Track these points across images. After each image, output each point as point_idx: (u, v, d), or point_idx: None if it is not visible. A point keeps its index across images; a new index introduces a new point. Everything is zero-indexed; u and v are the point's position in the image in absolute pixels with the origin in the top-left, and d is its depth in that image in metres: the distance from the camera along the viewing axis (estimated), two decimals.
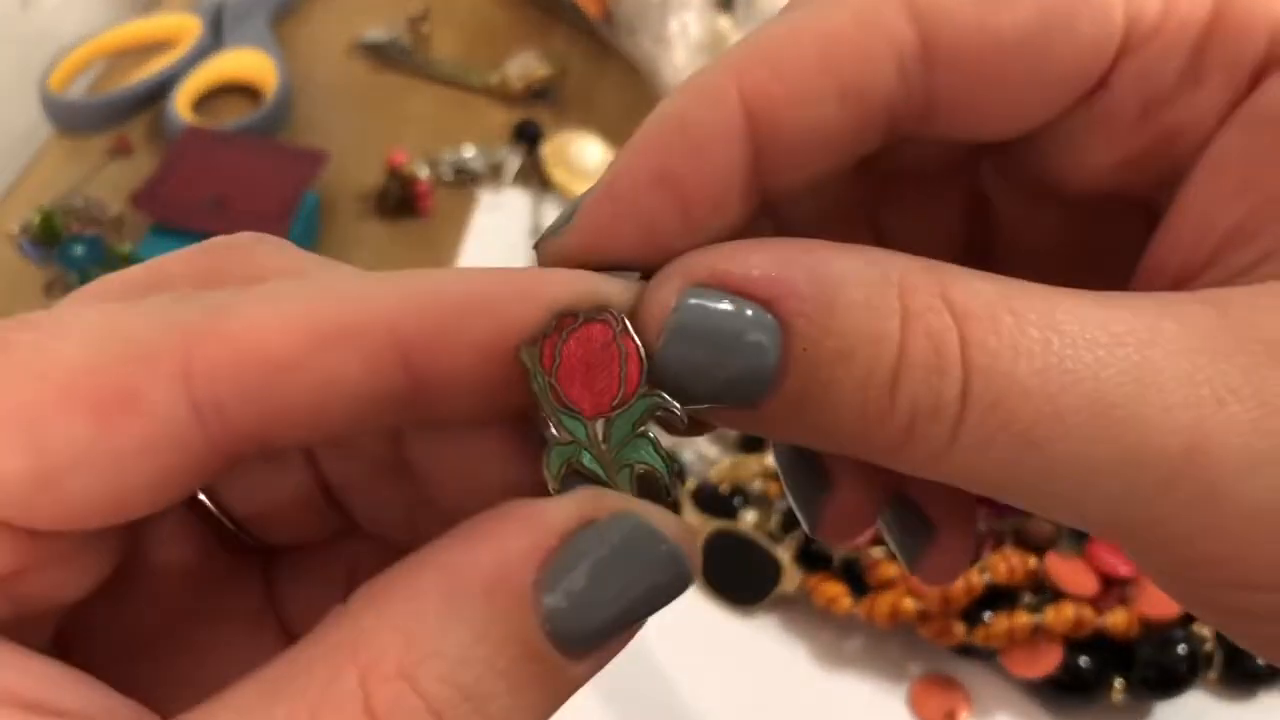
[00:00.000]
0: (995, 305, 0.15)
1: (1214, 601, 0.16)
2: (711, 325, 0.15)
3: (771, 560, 0.47)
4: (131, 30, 0.70)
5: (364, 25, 0.73)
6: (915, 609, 0.45)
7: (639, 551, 0.15)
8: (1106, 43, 0.16)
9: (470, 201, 0.63)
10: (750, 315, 0.15)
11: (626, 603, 0.15)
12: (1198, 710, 0.46)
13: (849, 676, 0.47)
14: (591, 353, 0.16)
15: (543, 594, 0.14)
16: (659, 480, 0.17)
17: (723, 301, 0.15)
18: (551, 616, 0.14)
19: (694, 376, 0.16)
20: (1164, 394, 0.14)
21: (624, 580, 0.15)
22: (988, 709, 0.46)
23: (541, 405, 0.16)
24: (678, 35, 0.64)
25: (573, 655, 0.15)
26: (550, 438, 0.17)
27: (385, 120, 0.68)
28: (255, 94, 0.68)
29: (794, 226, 0.19)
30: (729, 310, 0.15)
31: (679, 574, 0.15)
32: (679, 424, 0.16)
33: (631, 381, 0.16)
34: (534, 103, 0.68)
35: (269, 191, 0.58)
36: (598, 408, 0.16)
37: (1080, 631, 0.44)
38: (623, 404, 0.16)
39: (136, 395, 0.14)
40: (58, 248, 0.51)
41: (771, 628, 0.48)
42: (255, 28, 0.70)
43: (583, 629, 0.14)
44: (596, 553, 0.15)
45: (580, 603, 0.14)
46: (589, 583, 0.14)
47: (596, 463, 0.17)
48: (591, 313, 0.16)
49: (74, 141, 0.65)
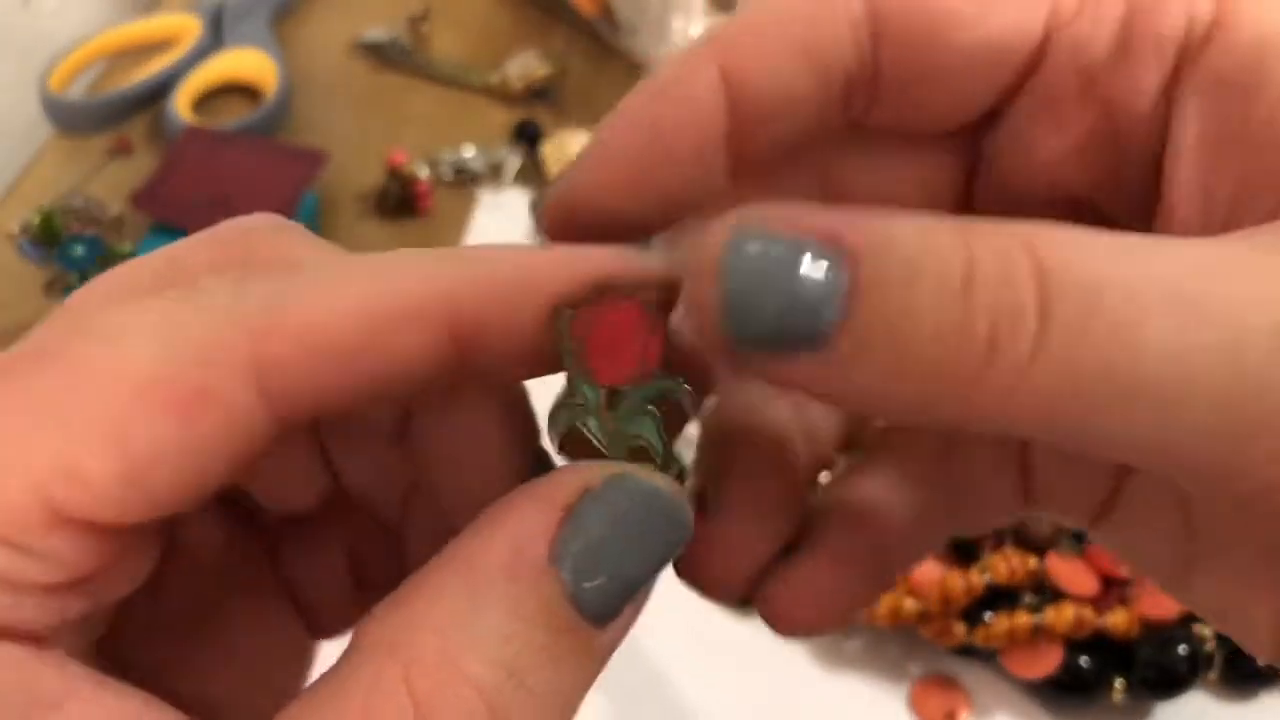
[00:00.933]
0: (1063, 236, 0.14)
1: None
2: (772, 260, 0.14)
3: None
4: (131, 30, 0.70)
5: (364, 25, 0.73)
6: (916, 609, 0.45)
7: (638, 508, 0.16)
8: (1034, 12, 0.17)
9: (470, 201, 0.63)
10: (812, 249, 0.14)
11: (636, 557, 0.15)
12: (1198, 710, 0.46)
13: (849, 677, 0.47)
14: (620, 326, 0.17)
15: (559, 564, 0.15)
16: (653, 459, 0.17)
17: (781, 239, 0.14)
18: (572, 583, 0.15)
19: (755, 316, 0.14)
20: (1257, 283, 0.13)
21: (629, 536, 0.15)
22: (988, 709, 0.46)
23: (565, 365, 0.17)
24: (678, 35, 0.64)
25: (598, 620, 0.15)
26: (562, 397, 0.17)
27: (385, 120, 0.68)
28: (255, 94, 0.68)
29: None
30: (789, 245, 0.14)
31: (678, 524, 0.16)
32: (690, 410, 0.17)
33: (650, 361, 0.17)
34: (534, 102, 0.68)
35: (269, 191, 0.58)
36: (613, 378, 0.17)
37: (1080, 632, 0.44)
38: (638, 380, 0.17)
39: (212, 393, 0.15)
40: (57, 248, 0.51)
41: None
42: (255, 28, 0.70)
43: (601, 591, 0.15)
44: (600, 516, 0.15)
45: (594, 565, 0.15)
46: (598, 545, 0.15)
47: (600, 429, 0.17)
48: (629, 289, 0.17)
49: (74, 141, 0.65)
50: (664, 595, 0.52)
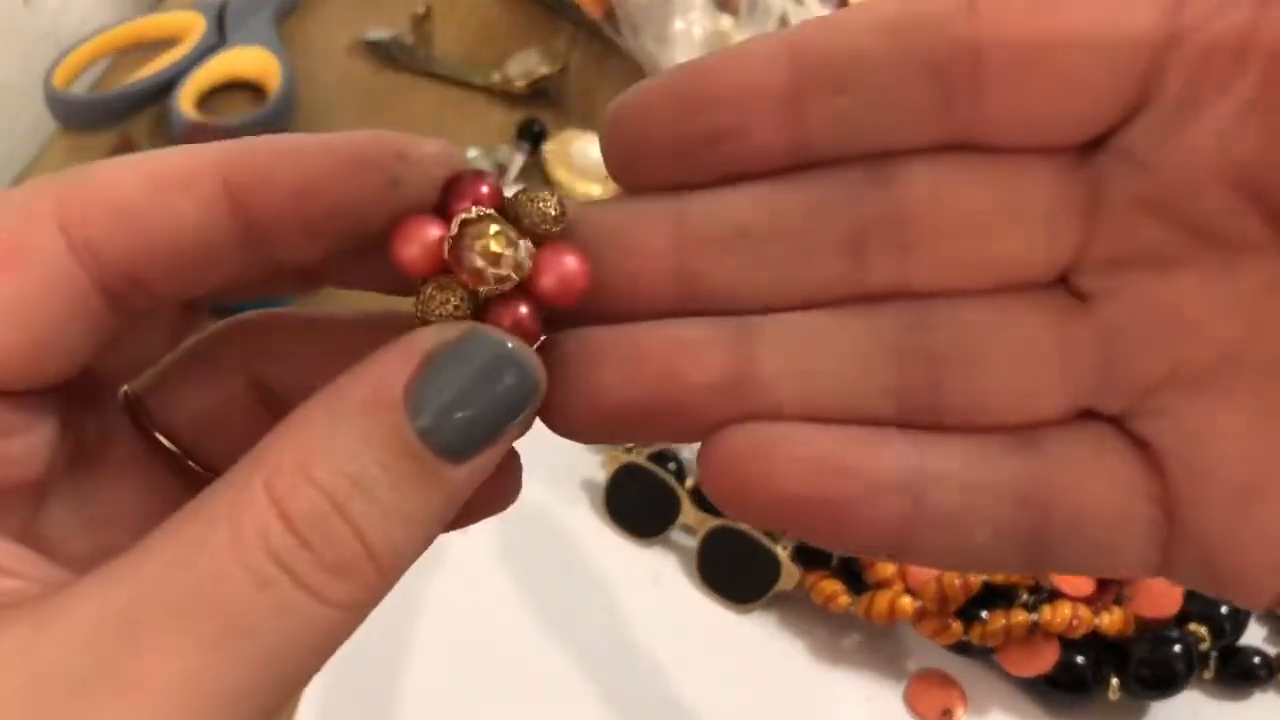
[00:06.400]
0: None
1: None
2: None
3: (770, 558, 0.47)
4: (135, 28, 0.70)
5: (367, 23, 0.73)
6: (912, 607, 0.45)
7: (484, 358, 0.18)
8: (1155, 14, 0.18)
9: None
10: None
11: (481, 402, 0.18)
12: (1193, 709, 0.46)
13: (847, 673, 0.47)
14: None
15: (411, 402, 0.17)
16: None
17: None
18: (419, 418, 0.17)
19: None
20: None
21: (474, 382, 0.18)
22: (984, 707, 0.46)
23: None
24: (680, 35, 0.64)
25: (445, 455, 0.17)
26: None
27: (388, 118, 0.68)
28: (259, 92, 0.68)
29: None
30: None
31: (523, 376, 0.18)
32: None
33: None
34: (536, 101, 0.69)
35: None
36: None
37: (1076, 631, 0.44)
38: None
39: (21, 245, 0.18)
40: None
41: (770, 625, 0.48)
42: (259, 26, 0.70)
43: (447, 428, 0.17)
44: (452, 362, 0.18)
45: (441, 404, 0.17)
46: (446, 386, 0.17)
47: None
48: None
49: (78, 138, 0.66)
50: (663, 594, 0.52)
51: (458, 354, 0.18)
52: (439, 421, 0.17)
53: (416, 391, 0.17)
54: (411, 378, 0.17)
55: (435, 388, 0.17)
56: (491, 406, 0.18)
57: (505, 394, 0.18)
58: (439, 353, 0.18)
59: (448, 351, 0.18)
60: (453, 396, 0.17)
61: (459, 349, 0.18)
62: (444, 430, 0.17)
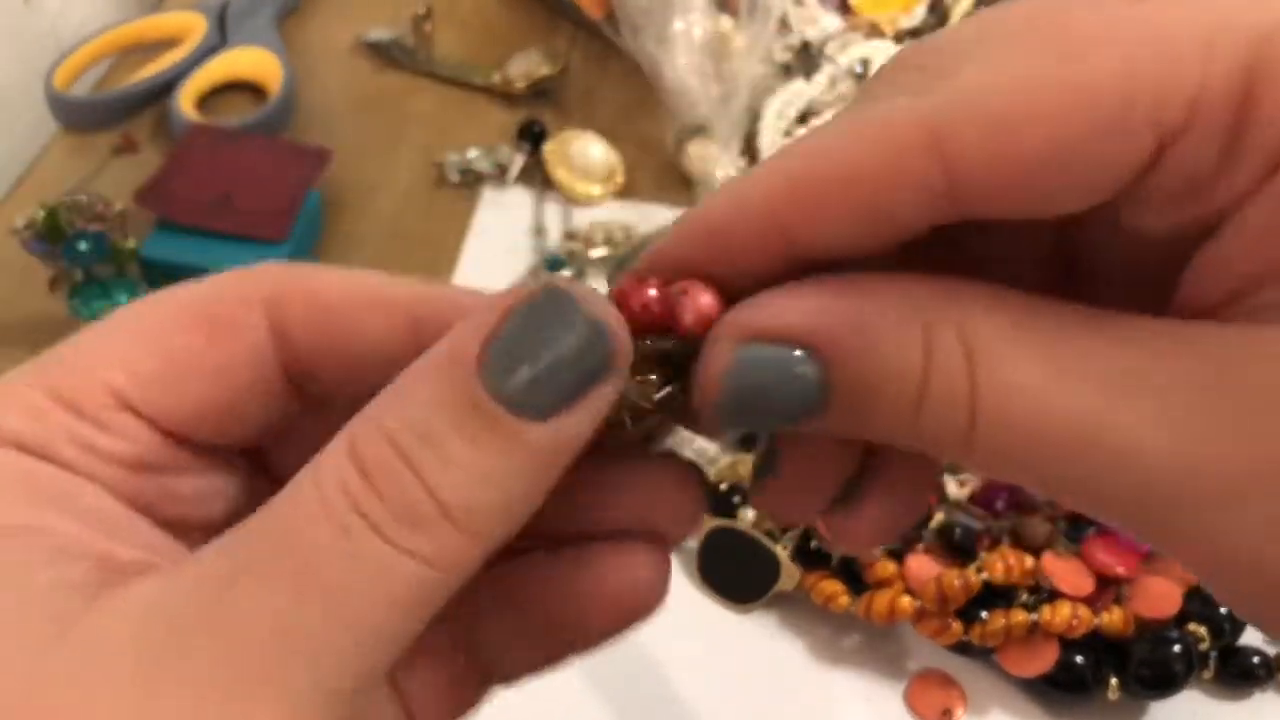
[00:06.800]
0: (1003, 345, 0.17)
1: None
2: (764, 376, 0.18)
3: (770, 558, 0.48)
4: (136, 28, 0.70)
5: (367, 24, 0.73)
6: (912, 607, 0.45)
7: (558, 313, 0.17)
8: (1133, 156, 0.16)
9: (473, 200, 0.64)
10: (795, 361, 0.18)
11: (553, 357, 0.17)
12: (1192, 709, 0.46)
13: (847, 673, 0.47)
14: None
15: (487, 357, 0.17)
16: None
17: (770, 352, 0.18)
18: (492, 374, 0.17)
19: (752, 419, 0.19)
20: (1148, 425, 0.16)
21: (547, 337, 0.17)
22: (984, 706, 0.46)
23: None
24: (680, 36, 0.64)
25: (520, 412, 0.17)
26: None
27: (388, 118, 0.68)
28: (260, 92, 0.68)
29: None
30: (777, 359, 0.18)
31: (598, 331, 0.18)
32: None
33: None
34: (536, 102, 0.69)
35: (273, 189, 0.58)
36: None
37: (1076, 631, 0.44)
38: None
39: (235, 321, 0.20)
40: (62, 244, 0.51)
41: (770, 625, 0.48)
42: (260, 26, 0.70)
43: (518, 383, 0.17)
44: (524, 317, 0.17)
45: (512, 360, 0.17)
46: (519, 342, 0.17)
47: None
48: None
49: (79, 139, 0.66)
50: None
51: (534, 309, 0.18)
52: (510, 377, 0.17)
53: (492, 348, 0.17)
54: (489, 335, 0.17)
55: (509, 344, 0.17)
56: (565, 363, 0.17)
57: (579, 350, 0.17)
58: (517, 309, 0.17)
59: (524, 308, 0.18)
60: (523, 351, 0.17)
61: (535, 304, 0.18)
62: (515, 386, 0.17)
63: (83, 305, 0.53)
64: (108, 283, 0.53)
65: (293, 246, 0.57)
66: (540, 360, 0.17)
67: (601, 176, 0.64)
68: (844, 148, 0.17)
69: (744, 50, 0.64)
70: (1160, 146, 0.16)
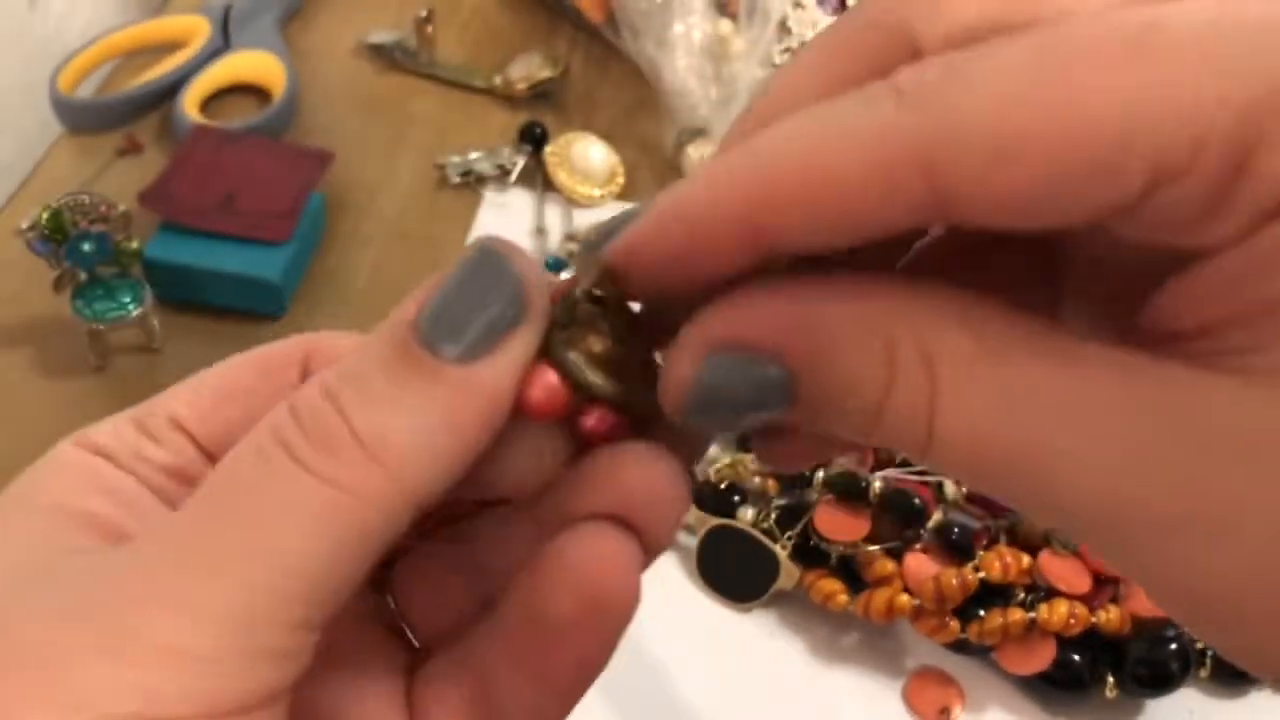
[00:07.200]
0: (962, 366, 0.17)
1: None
2: (729, 384, 0.18)
3: (770, 556, 0.48)
4: (140, 31, 0.71)
5: (370, 27, 0.73)
6: (910, 605, 0.46)
7: (481, 269, 0.19)
8: (1121, 193, 0.16)
9: (474, 202, 0.64)
10: (760, 370, 0.18)
11: (469, 300, 0.19)
12: (1189, 707, 0.46)
13: (846, 671, 0.47)
14: None
15: (419, 313, 0.19)
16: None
17: (735, 362, 0.18)
18: (421, 324, 0.18)
19: (717, 421, 0.19)
20: (1088, 455, 0.17)
21: (465, 283, 0.19)
22: (982, 704, 0.46)
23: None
24: (680, 38, 0.64)
25: (440, 351, 0.18)
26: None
27: (390, 120, 0.69)
28: (263, 94, 0.69)
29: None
30: (742, 368, 0.18)
31: (513, 285, 0.19)
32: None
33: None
34: (537, 104, 0.69)
35: (276, 190, 0.58)
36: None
37: (1073, 629, 0.45)
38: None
39: (278, 363, 0.23)
40: (66, 244, 0.52)
41: (769, 623, 0.48)
42: (263, 29, 0.71)
43: (439, 324, 0.18)
44: (454, 272, 0.19)
45: (435, 306, 0.19)
46: (447, 295, 0.19)
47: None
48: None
49: (83, 141, 0.66)
50: (663, 593, 0.52)
51: (463, 266, 0.19)
52: (433, 321, 0.19)
53: (426, 304, 0.19)
54: (426, 295, 0.19)
55: (440, 298, 0.19)
56: (481, 308, 0.19)
57: (496, 298, 0.19)
58: (452, 270, 0.19)
59: (457, 267, 0.19)
60: (449, 302, 0.19)
61: (465, 261, 0.19)
62: (438, 330, 0.18)
63: (86, 306, 0.53)
64: (111, 283, 0.53)
65: (295, 248, 0.57)
66: (461, 307, 0.19)
67: (602, 178, 0.65)
68: (830, 154, 0.17)
69: (744, 53, 0.65)
70: (1154, 186, 0.16)
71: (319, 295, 0.59)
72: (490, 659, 0.21)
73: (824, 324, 0.18)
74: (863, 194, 0.17)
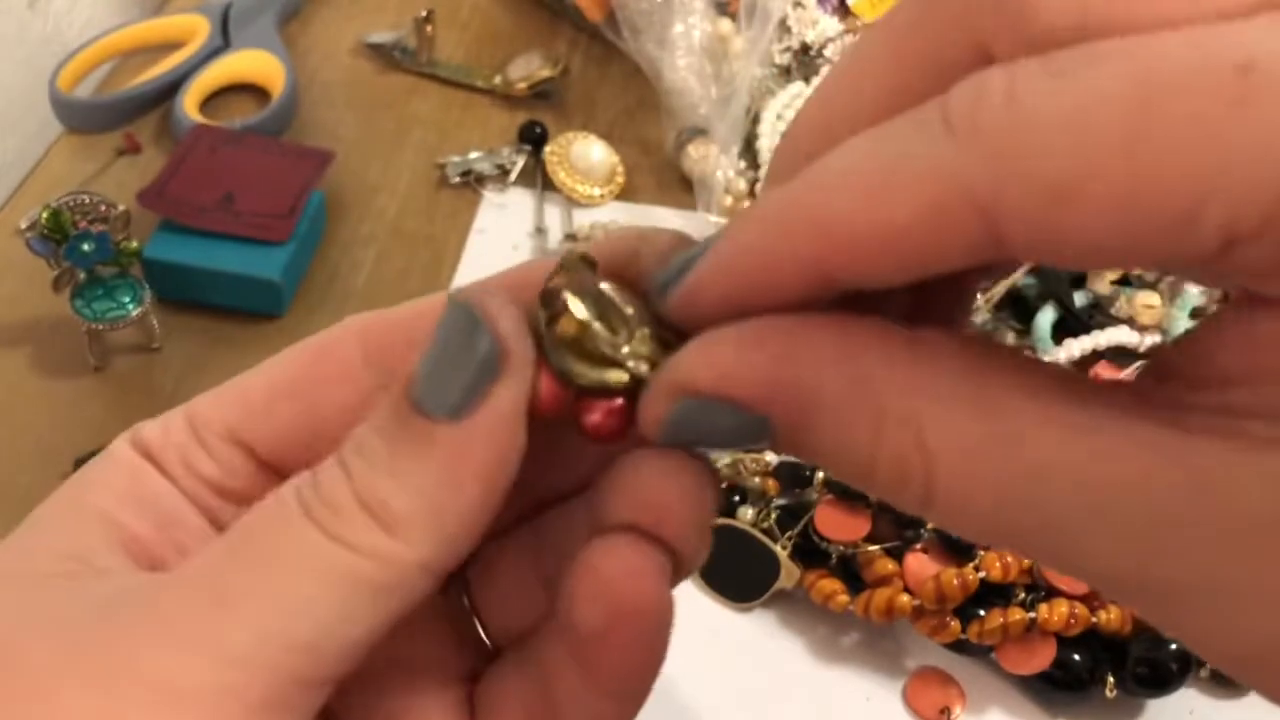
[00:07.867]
0: (961, 452, 0.17)
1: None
2: (703, 426, 0.18)
3: (770, 556, 0.48)
4: (140, 31, 0.71)
5: (369, 26, 0.73)
6: (911, 605, 0.45)
7: (456, 324, 0.19)
8: (1199, 249, 0.15)
9: (474, 202, 0.64)
10: (735, 418, 0.18)
11: (453, 361, 0.19)
12: (1189, 707, 0.46)
13: (846, 671, 0.47)
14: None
15: (413, 373, 0.19)
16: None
17: (709, 408, 0.18)
18: (412, 384, 0.19)
19: (694, 447, 0.20)
20: (1110, 538, 0.16)
21: (447, 343, 0.19)
22: (982, 704, 0.46)
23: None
24: (680, 38, 0.64)
25: (430, 413, 0.19)
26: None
27: (390, 120, 0.69)
28: (262, 94, 0.69)
29: None
30: (717, 415, 0.18)
31: (487, 338, 0.19)
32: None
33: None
34: (536, 104, 0.69)
35: (276, 190, 0.58)
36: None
37: (1073, 629, 0.45)
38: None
39: (332, 344, 0.23)
40: (66, 244, 0.52)
41: (769, 623, 0.48)
42: (262, 29, 0.71)
43: (428, 387, 0.19)
44: (437, 330, 0.19)
45: (425, 369, 0.19)
46: (431, 353, 0.19)
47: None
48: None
49: (83, 140, 0.66)
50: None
51: (441, 322, 0.19)
52: (421, 383, 0.19)
53: (419, 362, 0.19)
54: (418, 357, 0.19)
55: (427, 356, 0.19)
56: (461, 364, 0.19)
57: (467, 351, 0.19)
58: (434, 328, 0.19)
59: (438, 322, 0.19)
60: (430, 359, 0.19)
61: (442, 317, 0.19)
62: (425, 390, 0.19)
63: (85, 305, 0.53)
64: (110, 283, 0.53)
65: (295, 247, 0.57)
66: (442, 365, 0.19)
67: (602, 178, 0.65)
68: (887, 194, 0.16)
69: (744, 53, 0.65)
70: (1227, 246, 0.14)
71: (319, 295, 0.59)
72: (552, 660, 0.21)
73: (808, 385, 0.17)
74: (919, 236, 0.16)
